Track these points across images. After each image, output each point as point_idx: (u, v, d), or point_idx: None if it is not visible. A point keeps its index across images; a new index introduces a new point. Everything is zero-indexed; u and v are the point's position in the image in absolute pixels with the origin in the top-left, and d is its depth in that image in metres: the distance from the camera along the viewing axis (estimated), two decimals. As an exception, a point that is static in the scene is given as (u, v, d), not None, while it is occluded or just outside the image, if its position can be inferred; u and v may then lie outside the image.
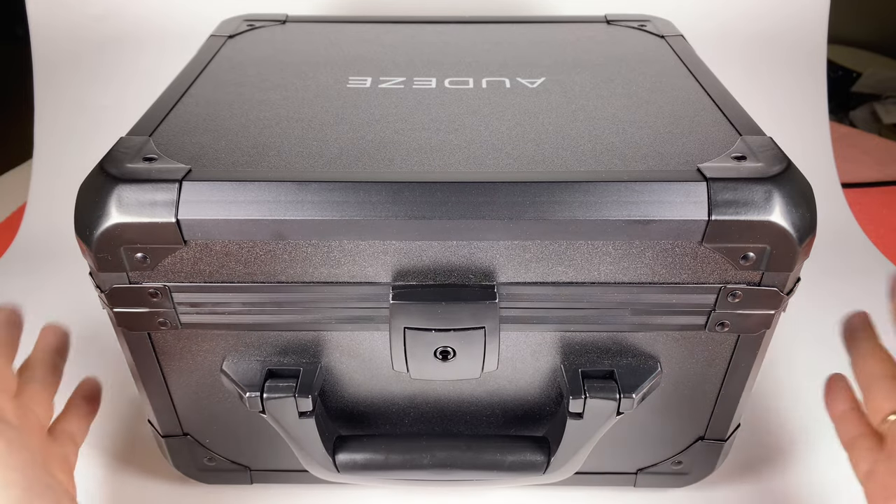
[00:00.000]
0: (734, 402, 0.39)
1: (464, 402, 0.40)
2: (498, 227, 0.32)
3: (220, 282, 0.34)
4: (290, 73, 0.45)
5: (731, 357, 0.37)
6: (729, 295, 0.34)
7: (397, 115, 0.39)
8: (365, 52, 0.49)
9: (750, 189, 0.31)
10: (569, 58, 0.48)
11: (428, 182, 0.32)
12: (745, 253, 0.32)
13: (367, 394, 0.40)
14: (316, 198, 0.32)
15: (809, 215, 0.32)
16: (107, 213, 0.31)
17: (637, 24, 0.54)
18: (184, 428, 0.41)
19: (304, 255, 0.33)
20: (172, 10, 0.76)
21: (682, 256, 0.33)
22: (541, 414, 0.40)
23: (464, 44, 0.51)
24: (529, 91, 0.42)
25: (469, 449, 0.39)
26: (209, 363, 0.38)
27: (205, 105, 0.40)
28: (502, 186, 0.32)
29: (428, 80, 0.44)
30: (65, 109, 0.78)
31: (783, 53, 0.81)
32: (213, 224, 0.32)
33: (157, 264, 0.33)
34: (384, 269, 0.34)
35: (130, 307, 0.34)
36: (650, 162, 0.34)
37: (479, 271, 0.34)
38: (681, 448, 0.42)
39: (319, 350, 0.37)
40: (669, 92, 0.42)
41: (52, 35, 0.77)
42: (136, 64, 0.77)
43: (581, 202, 0.32)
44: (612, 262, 0.33)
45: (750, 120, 0.38)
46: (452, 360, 0.36)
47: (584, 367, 0.37)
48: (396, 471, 0.39)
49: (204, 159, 0.34)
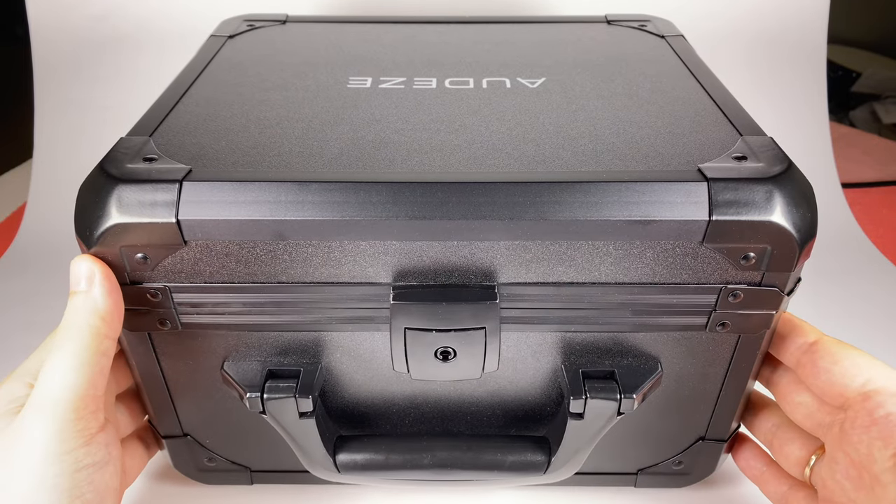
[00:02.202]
0: (735, 403, 0.39)
1: (464, 403, 0.40)
2: (498, 227, 0.32)
3: (221, 282, 0.34)
4: (290, 73, 0.45)
5: (731, 357, 0.37)
6: (730, 295, 0.33)
7: (398, 116, 0.39)
8: (365, 52, 0.49)
9: (751, 189, 0.31)
10: (569, 58, 0.48)
11: (428, 182, 0.32)
12: (745, 253, 0.32)
13: (367, 394, 0.40)
14: (316, 198, 0.32)
15: (810, 215, 0.32)
16: (107, 214, 0.31)
17: (637, 24, 0.54)
18: (184, 428, 0.41)
19: (304, 256, 0.33)
20: (172, 10, 0.76)
21: (683, 257, 0.33)
22: (541, 414, 0.40)
23: (464, 44, 0.51)
24: (530, 91, 0.42)
25: (469, 449, 0.39)
26: (209, 363, 0.38)
27: (205, 105, 0.40)
28: (503, 187, 0.32)
29: (428, 81, 0.44)
30: (65, 109, 0.78)
31: (783, 53, 0.81)
32: (214, 224, 0.32)
33: (158, 265, 0.33)
34: (385, 269, 0.34)
35: (130, 307, 0.34)
36: (651, 162, 0.34)
37: (480, 272, 0.34)
38: (681, 448, 0.42)
39: (320, 350, 0.37)
40: (670, 92, 0.42)
41: (52, 35, 0.77)
42: (135, 64, 0.77)
43: (582, 202, 0.32)
44: (613, 262, 0.33)
45: (751, 120, 0.38)
46: (453, 361, 0.36)
47: (585, 367, 0.37)
48: (397, 471, 0.39)
49: (204, 159, 0.34)
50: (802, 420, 0.37)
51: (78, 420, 0.32)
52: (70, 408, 0.31)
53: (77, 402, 0.32)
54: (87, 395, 0.32)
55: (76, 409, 0.32)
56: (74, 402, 0.32)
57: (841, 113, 1.16)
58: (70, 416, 0.31)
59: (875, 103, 1.14)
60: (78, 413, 0.32)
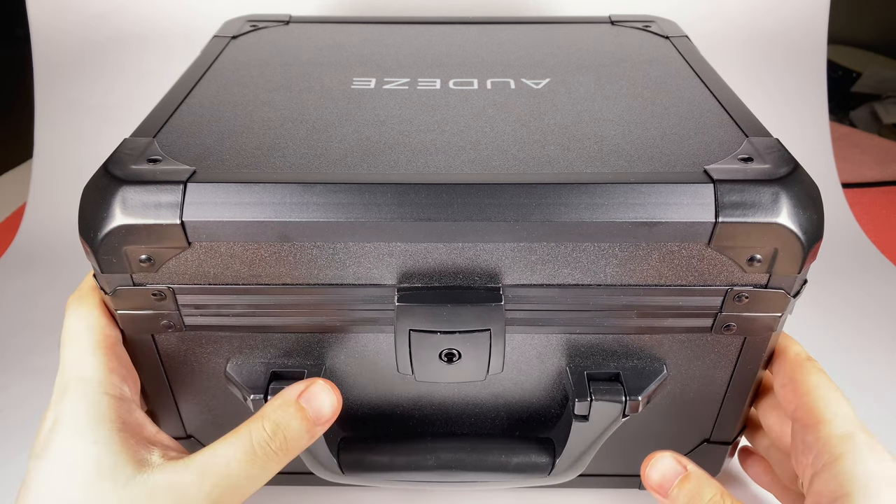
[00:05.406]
0: (740, 405, 0.39)
1: (468, 404, 0.40)
2: (503, 228, 0.32)
3: (225, 284, 0.34)
4: (293, 73, 0.45)
5: (736, 359, 0.37)
6: (736, 297, 0.33)
7: (402, 117, 0.39)
8: (369, 53, 0.49)
9: (757, 191, 0.31)
10: (573, 58, 0.47)
11: (433, 184, 0.32)
12: (752, 255, 0.32)
13: (371, 395, 0.39)
14: (321, 199, 0.32)
15: (817, 217, 0.32)
16: (111, 215, 0.31)
17: (641, 24, 0.54)
18: (187, 430, 0.41)
19: (308, 257, 0.33)
20: (174, 10, 0.76)
21: (689, 258, 0.33)
22: (546, 416, 0.40)
23: (468, 44, 0.50)
24: (534, 92, 0.42)
25: (474, 451, 0.39)
26: (213, 365, 0.38)
27: (209, 106, 0.40)
28: (508, 188, 0.32)
29: (432, 81, 0.44)
30: (65, 109, 0.78)
31: (783, 53, 0.81)
32: (218, 226, 0.31)
33: (162, 266, 0.33)
34: (389, 271, 0.33)
35: (134, 309, 0.34)
36: (656, 164, 0.34)
37: (485, 273, 0.34)
38: (686, 450, 0.42)
39: (324, 352, 0.37)
40: (675, 93, 0.42)
41: (52, 35, 0.77)
42: (137, 64, 0.77)
43: (587, 204, 0.31)
44: (619, 264, 0.33)
45: (756, 121, 0.38)
46: (457, 363, 0.36)
47: (590, 369, 0.37)
48: (401, 472, 0.38)
49: (208, 161, 0.34)
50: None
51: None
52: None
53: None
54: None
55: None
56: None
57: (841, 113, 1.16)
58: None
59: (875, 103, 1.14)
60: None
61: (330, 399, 0.34)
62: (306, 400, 0.33)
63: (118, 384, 0.33)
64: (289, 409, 0.33)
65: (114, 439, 0.31)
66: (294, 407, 0.33)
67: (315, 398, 0.33)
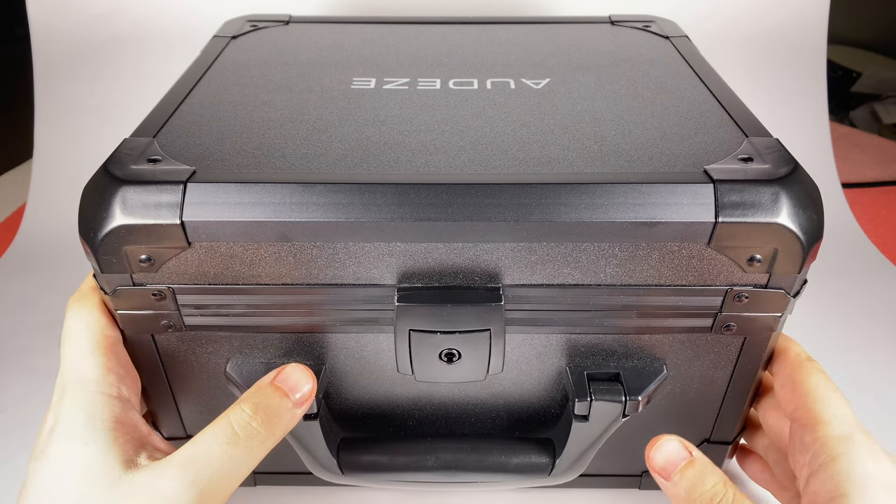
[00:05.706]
0: (740, 405, 0.39)
1: (468, 405, 0.40)
2: (503, 228, 0.32)
3: (225, 284, 0.34)
4: (293, 73, 0.45)
5: (736, 359, 0.37)
6: (735, 297, 0.33)
7: (402, 117, 0.39)
8: (369, 53, 0.49)
9: (757, 191, 0.31)
10: (573, 58, 0.47)
11: (433, 184, 0.32)
12: (752, 255, 0.32)
13: (371, 396, 0.39)
14: (321, 199, 0.32)
15: (817, 217, 0.32)
16: (111, 215, 0.31)
17: (641, 24, 0.54)
18: (187, 430, 0.41)
19: (308, 257, 0.33)
20: (174, 10, 0.76)
21: (689, 258, 0.33)
22: (546, 416, 0.40)
23: (468, 44, 0.50)
24: (534, 92, 0.42)
25: (474, 451, 0.39)
26: (213, 365, 0.38)
27: (209, 106, 0.40)
28: (508, 188, 0.32)
29: (432, 81, 0.44)
30: (64, 109, 0.78)
31: (783, 53, 0.81)
32: (218, 226, 0.31)
33: (162, 266, 0.33)
34: (389, 271, 0.33)
35: (134, 309, 0.34)
36: (656, 164, 0.34)
37: (485, 273, 0.34)
38: (685, 450, 0.42)
39: (324, 352, 0.37)
40: (675, 93, 0.42)
41: (52, 35, 0.77)
42: (136, 64, 0.77)
43: (587, 204, 0.31)
44: (619, 264, 0.33)
45: (756, 121, 0.38)
46: (457, 363, 0.36)
47: (590, 369, 0.37)
48: (401, 473, 0.38)
49: (208, 161, 0.34)
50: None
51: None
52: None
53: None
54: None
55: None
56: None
57: (841, 113, 1.16)
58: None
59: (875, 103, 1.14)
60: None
61: (305, 377, 0.34)
62: (281, 381, 0.34)
63: (115, 383, 0.33)
64: (265, 390, 0.33)
65: (105, 439, 0.31)
66: (270, 388, 0.34)
67: (289, 377, 0.34)
